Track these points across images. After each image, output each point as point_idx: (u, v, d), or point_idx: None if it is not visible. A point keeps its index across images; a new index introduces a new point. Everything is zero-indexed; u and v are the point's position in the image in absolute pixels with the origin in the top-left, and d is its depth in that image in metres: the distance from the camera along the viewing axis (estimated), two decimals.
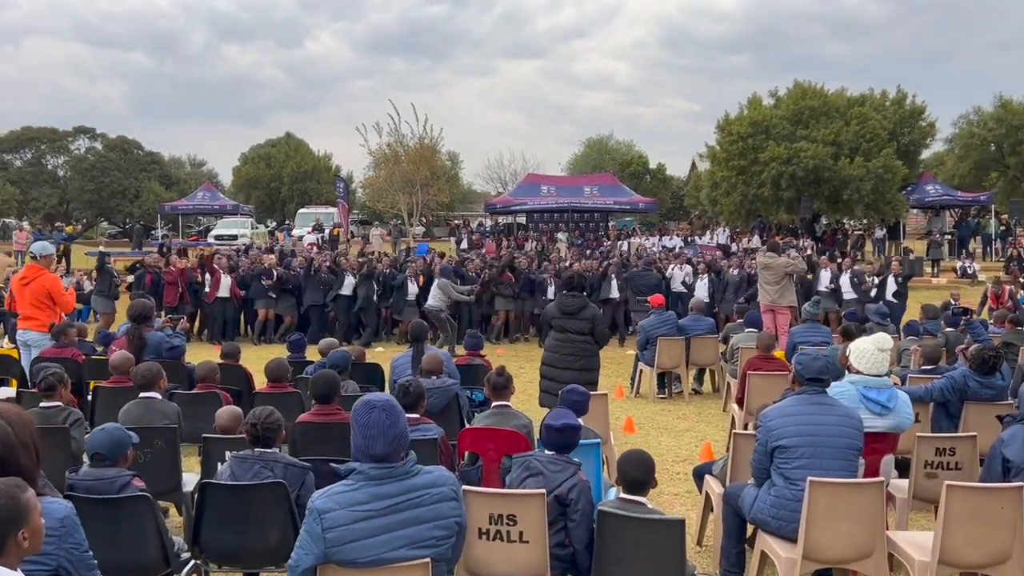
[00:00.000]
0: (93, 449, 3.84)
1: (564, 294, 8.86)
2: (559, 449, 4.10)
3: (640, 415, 9.83)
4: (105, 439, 3.83)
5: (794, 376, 4.62)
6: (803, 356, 4.54)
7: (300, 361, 7.81)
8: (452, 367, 7.09)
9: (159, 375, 5.55)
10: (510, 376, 5.29)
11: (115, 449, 3.84)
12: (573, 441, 4.17)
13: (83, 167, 55.67)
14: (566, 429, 4.14)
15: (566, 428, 4.14)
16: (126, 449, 3.89)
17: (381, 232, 35.11)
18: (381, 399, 2.89)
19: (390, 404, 2.88)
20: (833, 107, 31.49)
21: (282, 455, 3.99)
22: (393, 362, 7.21)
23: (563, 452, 4.10)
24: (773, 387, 7.76)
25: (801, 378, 4.51)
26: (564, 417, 4.23)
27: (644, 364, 10.97)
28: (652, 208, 35.33)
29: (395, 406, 2.89)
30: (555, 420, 4.19)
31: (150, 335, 7.85)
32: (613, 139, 61.95)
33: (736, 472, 5.09)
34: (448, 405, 6.16)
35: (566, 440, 4.14)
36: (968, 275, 26.36)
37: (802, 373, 4.49)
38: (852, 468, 4.34)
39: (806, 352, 4.60)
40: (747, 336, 9.94)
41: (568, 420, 4.20)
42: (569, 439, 4.15)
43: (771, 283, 11.74)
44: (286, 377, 6.46)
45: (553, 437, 4.13)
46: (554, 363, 8.59)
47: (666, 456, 8.04)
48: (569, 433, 4.15)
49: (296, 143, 56.66)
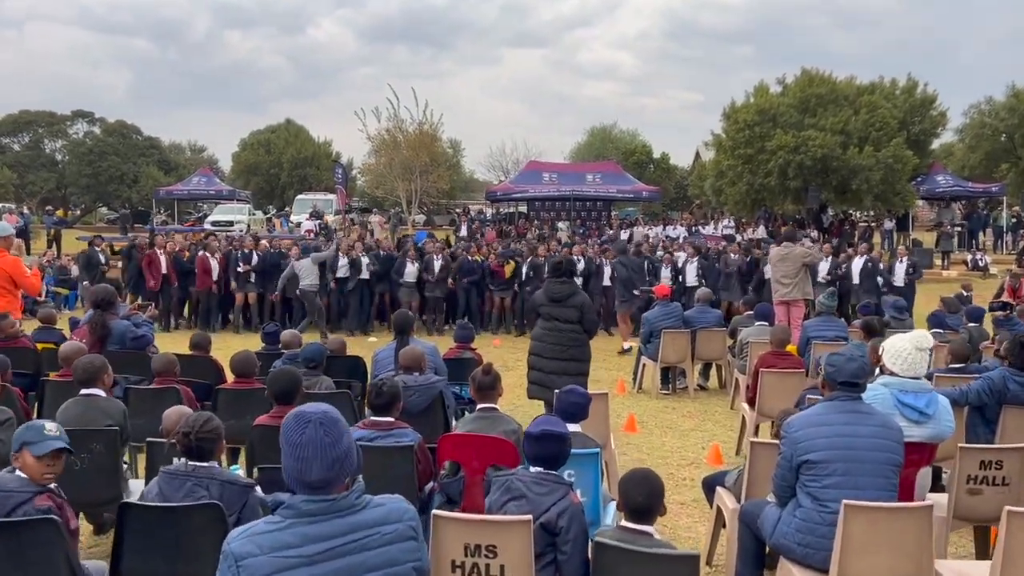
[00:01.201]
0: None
1: (552, 280, 8.37)
2: (545, 464, 3.47)
3: (643, 413, 9.24)
4: None
5: (823, 379, 3.99)
6: (836, 356, 3.92)
7: (275, 353, 7.17)
8: (439, 362, 6.49)
9: (102, 369, 4.93)
10: (497, 375, 4.66)
11: None
12: (560, 453, 3.53)
13: (81, 151, 55.20)
14: (545, 438, 3.49)
15: (546, 437, 3.49)
16: None
17: (380, 220, 34.50)
18: (317, 411, 2.26)
19: (329, 417, 2.25)
20: (842, 95, 30.71)
21: (221, 470, 3.37)
22: (375, 356, 6.59)
23: (551, 467, 3.48)
24: (787, 386, 7.16)
25: (832, 381, 3.88)
26: (546, 424, 3.59)
27: (647, 358, 10.36)
28: (656, 197, 34.62)
29: (336, 420, 2.27)
30: (536, 427, 3.55)
31: (114, 323, 7.24)
32: (617, 128, 61.24)
33: (753, 486, 4.48)
34: (431, 405, 5.55)
35: (549, 452, 3.50)
36: (979, 267, 25.70)
37: (834, 376, 3.86)
38: (891, 488, 3.73)
39: (840, 352, 3.97)
40: (757, 330, 9.33)
41: (550, 427, 3.54)
42: (553, 450, 3.51)
43: (789, 276, 10.97)
44: (253, 371, 5.84)
45: (533, 449, 3.50)
46: (541, 352, 8.20)
47: (671, 459, 7.44)
48: (551, 443, 3.50)
49: (296, 129, 56.01)
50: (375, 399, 4.31)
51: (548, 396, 8.55)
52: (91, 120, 59.03)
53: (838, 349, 4.06)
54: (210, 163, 67.82)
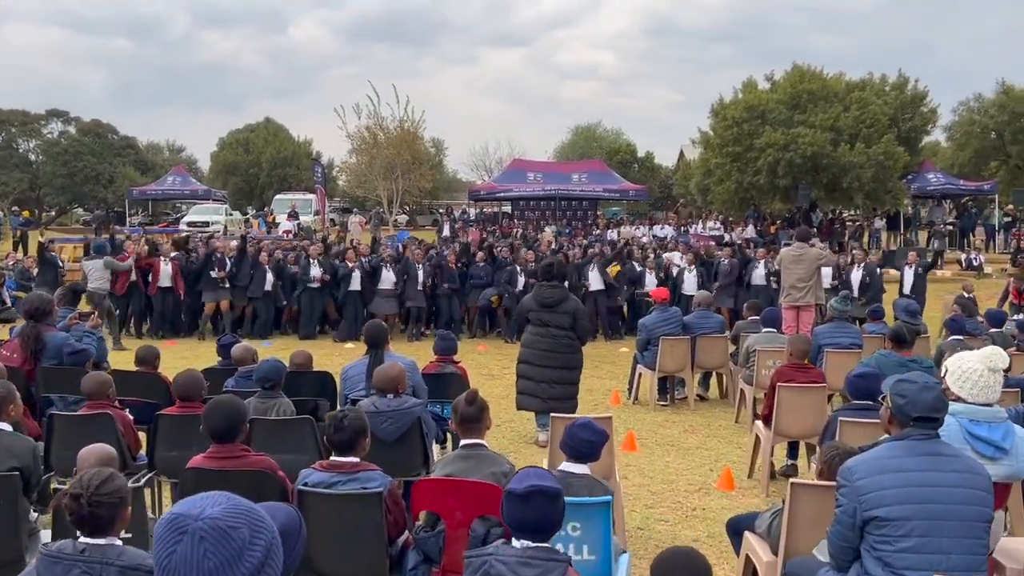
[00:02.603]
0: None
1: (542, 284, 7.83)
2: (535, 534, 2.64)
3: (641, 427, 8.48)
4: None
5: (890, 414, 3.22)
6: (906, 385, 3.14)
7: (229, 369, 6.34)
8: (417, 380, 5.68)
9: (8, 399, 4.09)
10: (484, 404, 3.86)
11: None
12: (553, 517, 2.69)
13: (55, 151, 53.88)
14: (534, 498, 2.63)
15: (535, 495, 2.63)
16: None
17: (360, 220, 33.63)
18: (204, 516, 1.44)
19: (219, 529, 1.43)
20: (832, 92, 30.13)
21: (121, 550, 2.53)
22: (344, 372, 5.75)
23: (541, 537, 2.65)
24: (808, 402, 6.43)
25: (904, 416, 3.11)
26: (535, 478, 2.71)
27: (644, 367, 9.60)
28: (643, 196, 33.87)
29: (230, 532, 1.44)
30: (520, 483, 2.69)
31: (49, 336, 6.40)
32: (601, 127, 60.49)
33: (793, 537, 3.71)
34: (408, 433, 4.77)
35: (539, 517, 2.65)
36: (974, 267, 25.18)
37: (906, 410, 3.09)
38: (982, 550, 2.99)
39: (910, 379, 3.19)
40: (765, 337, 8.60)
41: (539, 483, 2.67)
42: (544, 514, 2.66)
43: (803, 280, 10.15)
44: (200, 394, 5.01)
45: (518, 512, 2.65)
46: (531, 360, 7.71)
47: (677, 483, 6.67)
48: (540, 505, 2.64)
49: (275, 128, 54.96)
50: (335, 435, 3.52)
51: (538, 406, 7.86)
52: (66, 119, 57.67)
53: (907, 376, 3.27)
54: (189, 163, 66.58)
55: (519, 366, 7.91)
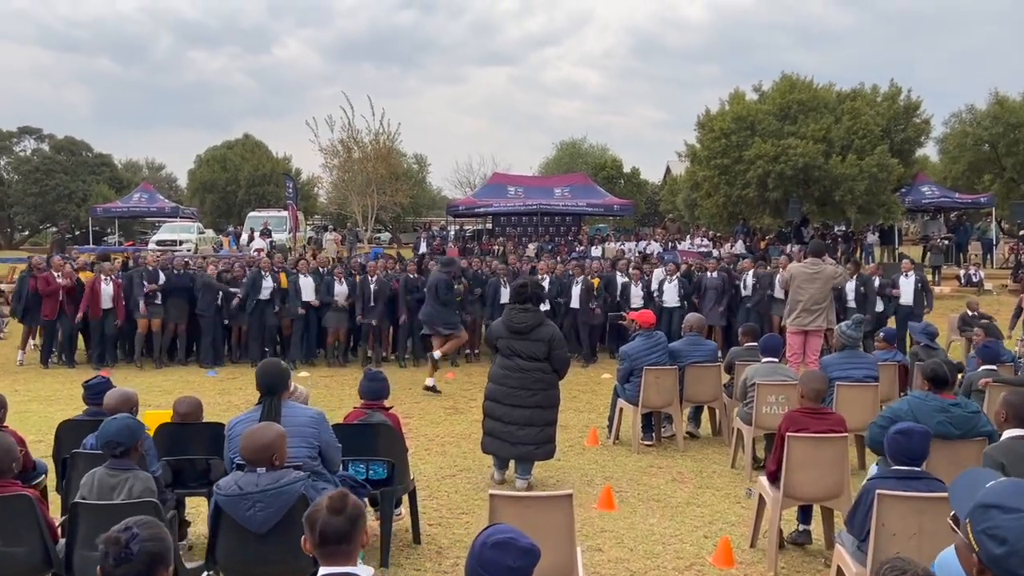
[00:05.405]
0: None
1: (514, 308, 6.68)
2: None
3: (622, 477, 7.20)
4: None
5: (981, 566, 1.92)
6: (1005, 517, 1.85)
7: (98, 419, 4.98)
8: (326, 437, 4.34)
9: None
10: (357, 513, 2.48)
11: None
12: None
13: (26, 169, 52.37)
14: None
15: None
16: None
17: (335, 237, 32.31)
18: None
19: None
20: (822, 102, 29.00)
21: None
22: (229, 428, 4.39)
23: None
24: (825, 457, 5.15)
25: (1006, 574, 1.82)
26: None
27: (626, 401, 8.32)
28: (628, 211, 32.55)
29: None
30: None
31: None
32: (587, 142, 59.36)
33: None
34: (286, 520, 3.46)
35: None
36: (973, 283, 24.06)
37: (1012, 567, 1.79)
38: None
39: (1003, 500, 1.90)
40: (766, 368, 7.35)
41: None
42: None
43: (817, 301, 8.77)
44: (8, 468, 3.70)
45: None
46: (500, 398, 6.59)
47: (663, 557, 5.36)
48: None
49: (253, 144, 53.62)
50: (116, 569, 2.20)
51: (507, 452, 6.61)
52: (39, 137, 56.21)
53: (999, 489, 1.98)
54: (168, 181, 65.11)
55: (485, 403, 6.80)
